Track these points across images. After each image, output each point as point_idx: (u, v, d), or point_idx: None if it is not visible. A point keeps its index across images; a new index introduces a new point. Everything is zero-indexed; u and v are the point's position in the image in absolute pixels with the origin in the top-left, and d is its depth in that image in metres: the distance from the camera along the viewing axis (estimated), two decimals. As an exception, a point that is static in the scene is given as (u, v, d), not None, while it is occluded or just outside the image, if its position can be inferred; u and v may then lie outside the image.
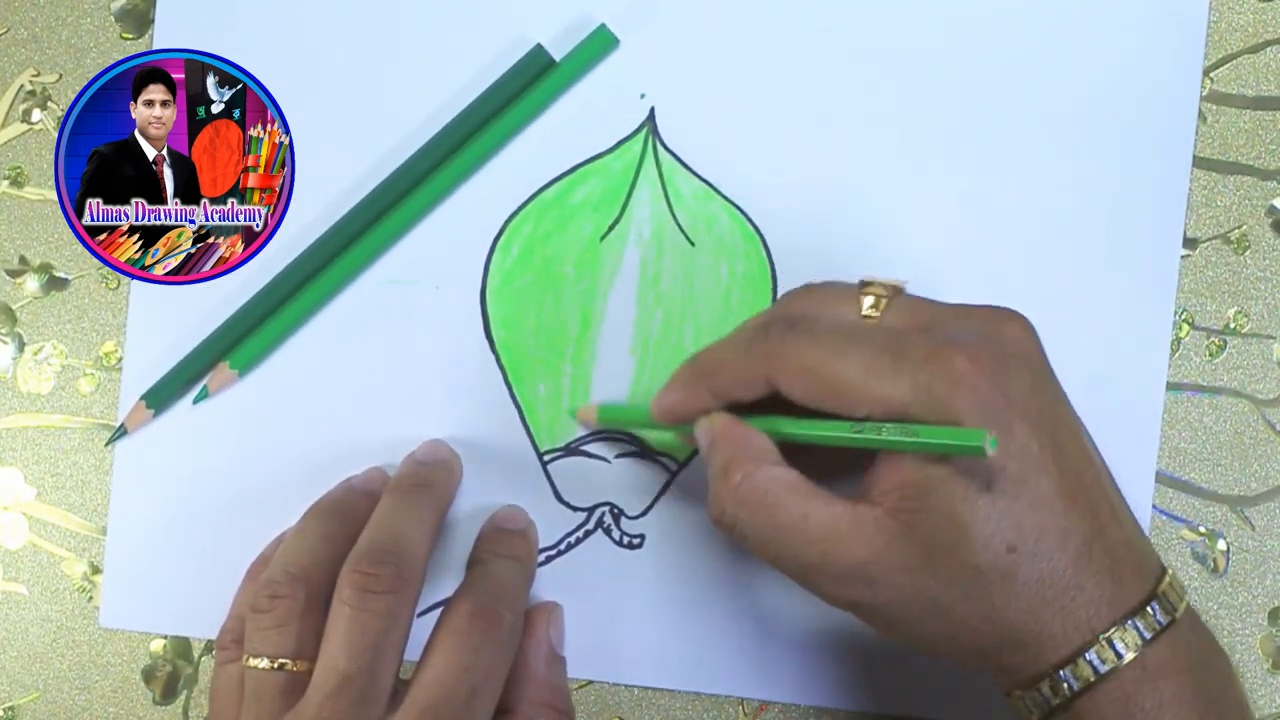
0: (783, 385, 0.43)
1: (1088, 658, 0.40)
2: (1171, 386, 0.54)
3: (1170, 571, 0.42)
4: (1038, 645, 0.41)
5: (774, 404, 0.44)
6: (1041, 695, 0.41)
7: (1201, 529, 0.54)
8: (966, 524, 0.40)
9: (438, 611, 0.48)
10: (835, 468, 0.44)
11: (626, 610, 0.54)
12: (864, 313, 0.44)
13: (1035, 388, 0.42)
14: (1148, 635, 0.40)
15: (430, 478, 0.52)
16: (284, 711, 0.45)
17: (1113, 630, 0.40)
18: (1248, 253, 0.54)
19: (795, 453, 0.44)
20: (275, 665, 0.47)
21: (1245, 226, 0.54)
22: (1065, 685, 0.41)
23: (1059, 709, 0.41)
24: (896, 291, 0.45)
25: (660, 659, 0.54)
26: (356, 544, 0.48)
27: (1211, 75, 0.54)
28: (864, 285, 0.45)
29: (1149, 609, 0.41)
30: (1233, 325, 0.54)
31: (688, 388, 0.46)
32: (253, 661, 0.47)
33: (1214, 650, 0.43)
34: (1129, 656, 0.40)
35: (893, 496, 0.41)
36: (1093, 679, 0.40)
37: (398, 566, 0.47)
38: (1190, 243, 0.54)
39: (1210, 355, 0.54)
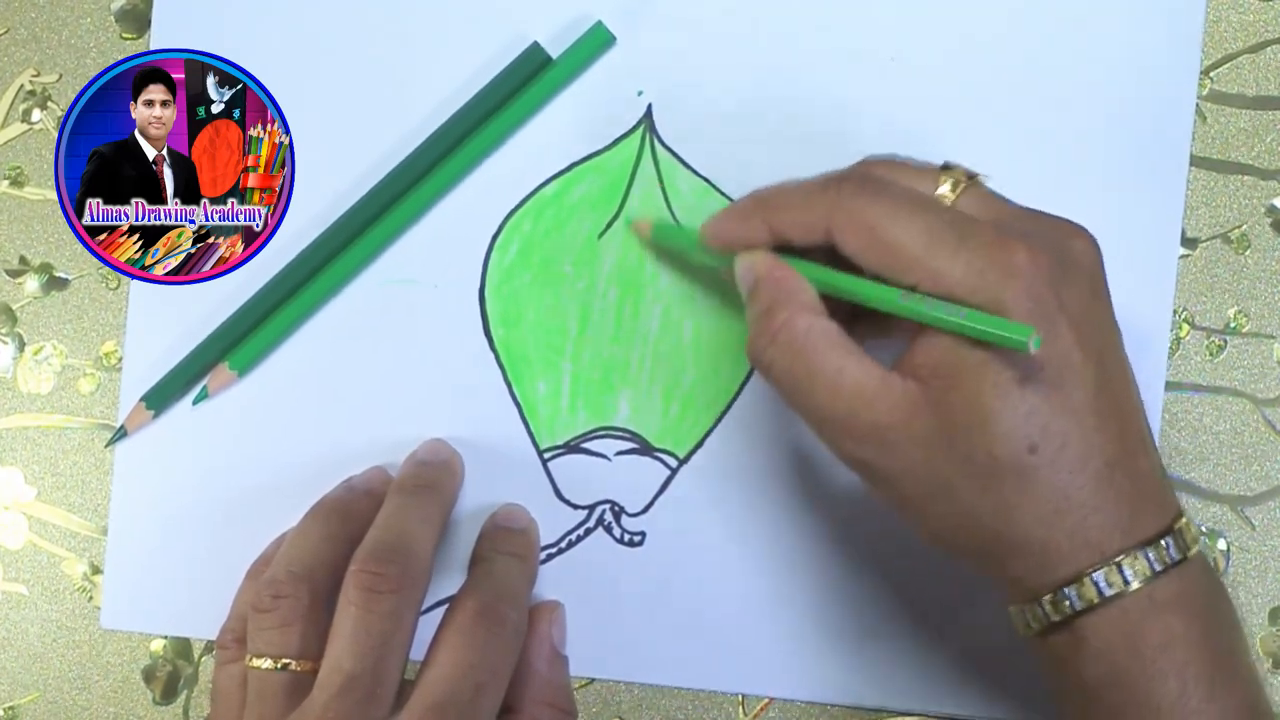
0: (840, 238, 0.43)
1: (1094, 578, 0.40)
2: (1171, 386, 0.54)
3: (1186, 517, 0.42)
4: (1044, 556, 0.40)
5: (825, 259, 0.44)
6: (1042, 610, 0.41)
7: (1202, 529, 0.54)
8: (993, 410, 0.40)
9: (440, 610, 0.48)
10: (873, 335, 0.45)
11: (627, 608, 0.53)
12: (939, 193, 0.44)
13: (1090, 301, 0.42)
14: (1158, 567, 0.40)
15: (434, 478, 0.52)
16: (288, 712, 0.45)
17: (1123, 556, 0.40)
18: (1248, 252, 0.54)
19: (837, 315, 0.44)
20: (279, 665, 0.46)
21: (1245, 226, 0.54)
22: (1067, 602, 0.40)
23: (1058, 626, 0.41)
24: (974, 181, 0.44)
25: (661, 656, 0.53)
26: (362, 543, 0.48)
27: (1211, 75, 0.54)
28: (945, 167, 0.45)
29: (1162, 542, 0.40)
30: (1233, 325, 0.54)
31: (745, 217, 0.46)
32: (256, 662, 0.47)
33: (1223, 598, 0.43)
34: (1136, 584, 0.40)
35: (925, 371, 0.41)
36: (1096, 600, 0.40)
37: (403, 566, 0.47)
38: (1190, 242, 0.54)
39: (1210, 355, 0.54)
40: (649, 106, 0.54)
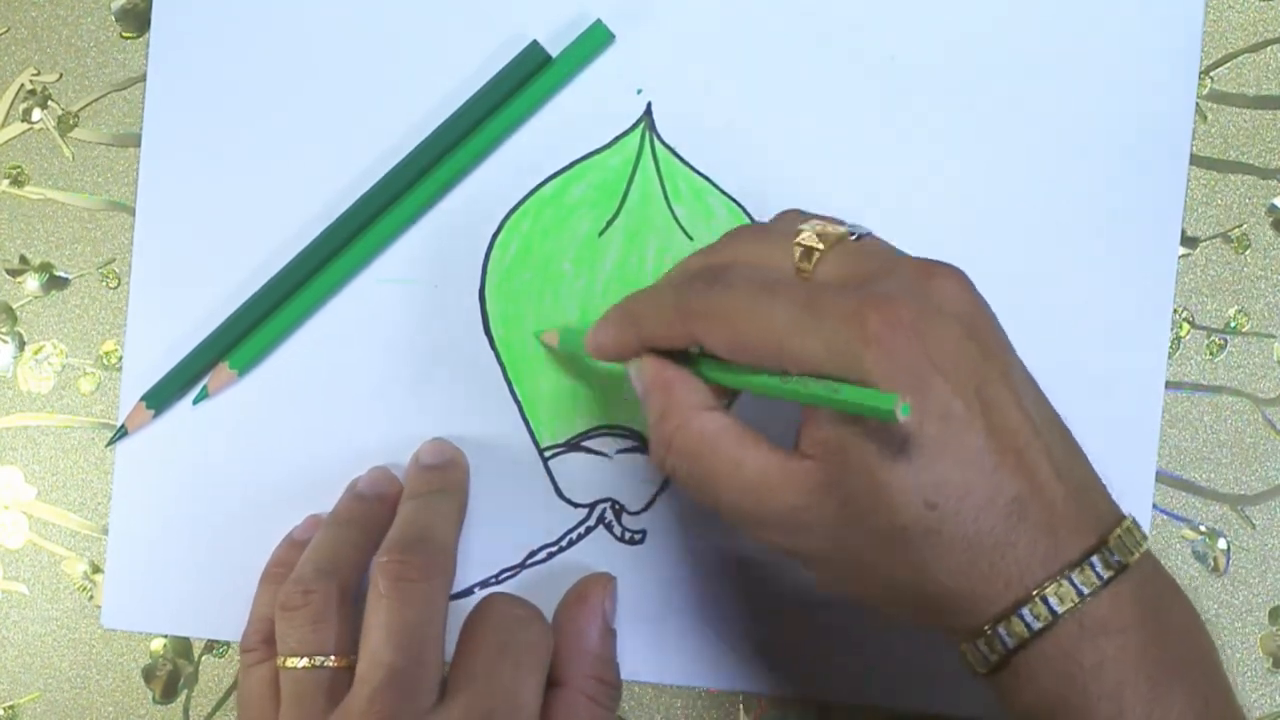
0: (704, 340, 0.42)
1: (1020, 614, 0.39)
2: (1171, 385, 0.53)
3: (1127, 521, 0.41)
4: (971, 603, 0.40)
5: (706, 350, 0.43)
6: (980, 651, 0.40)
7: (1202, 528, 0.54)
8: (883, 483, 0.39)
9: (459, 601, 0.48)
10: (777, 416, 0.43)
11: (628, 606, 0.53)
12: (796, 264, 0.43)
13: (961, 344, 0.40)
14: (1086, 590, 0.39)
15: (446, 479, 0.52)
16: (328, 710, 0.45)
17: (1047, 586, 0.39)
18: (1248, 251, 0.54)
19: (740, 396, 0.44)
20: (314, 663, 0.46)
21: (1245, 225, 0.54)
22: (999, 641, 0.40)
23: (999, 665, 0.40)
24: (836, 240, 0.43)
25: (662, 655, 0.53)
26: (386, 539, 0.48)
27: (1212, 74, 0.54)
28: (798, 233, 0.43)
29: (1087, 564, 0.39)
30: (1233, 324, 0.54)
31: (618, 329, 0.46)
32: (290, 662, 0.47)
33: (1177, 600, 0.42)
34: (1064, 610, 0.39)
35: (818, 450, 0.40)
36: (1027, 635, 0.39)
37: (430, 555, 0.47)
38: (1191, 241, 0.54)
39: (1211, 354, 0.54)
40: (648, 105, 0.54)
